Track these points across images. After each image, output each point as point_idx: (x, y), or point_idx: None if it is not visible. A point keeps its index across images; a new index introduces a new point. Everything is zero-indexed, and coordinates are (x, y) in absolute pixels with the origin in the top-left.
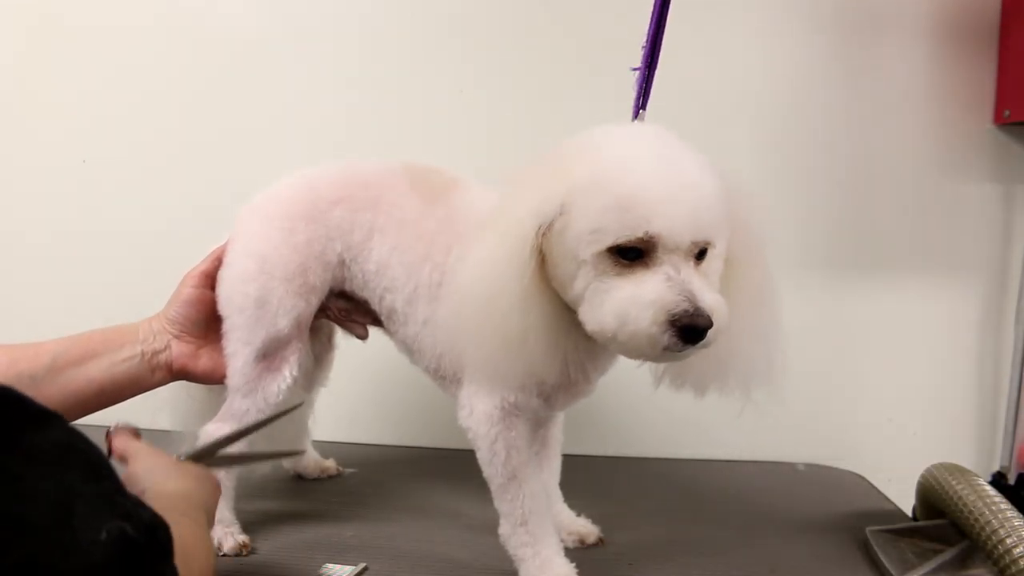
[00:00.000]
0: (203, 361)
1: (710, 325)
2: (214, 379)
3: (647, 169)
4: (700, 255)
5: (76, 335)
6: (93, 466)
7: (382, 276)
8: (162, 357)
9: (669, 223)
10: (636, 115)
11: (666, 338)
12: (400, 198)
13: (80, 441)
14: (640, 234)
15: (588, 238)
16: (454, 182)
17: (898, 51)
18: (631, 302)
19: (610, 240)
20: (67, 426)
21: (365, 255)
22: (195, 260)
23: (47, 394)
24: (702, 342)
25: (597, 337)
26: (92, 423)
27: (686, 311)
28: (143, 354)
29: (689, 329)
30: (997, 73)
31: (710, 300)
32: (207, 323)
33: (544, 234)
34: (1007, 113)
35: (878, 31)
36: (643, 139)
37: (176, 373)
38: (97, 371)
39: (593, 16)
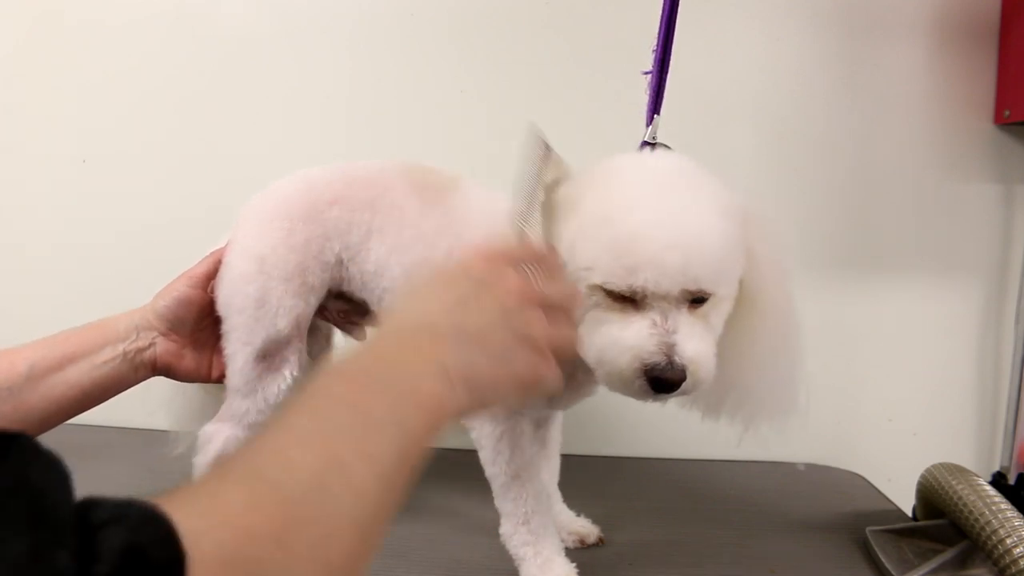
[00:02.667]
0: (187, 361)
1: (682, 379)
2: (195, 378)
3: (645, 216)
4: (698, 299)
5: (51, 337)
6: (36, 509)
7: (381, 277)
8: (146, 355)
9: (656, 277)
10: (650, 120)
11: (638, 384)
12: (399, 199)
13: (34, 472)
14: (624, 286)
15: (583, 273)
16: (453, 183)
17: (898, 51)
18: (612, 343)
19: (599, 281)
20: (23, 455)
21: (364, 256)
22: (195, 260)
23: (28, 404)
24: (676, 392)
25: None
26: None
27: (657, 364)
28: (125, 353)
29: (659, 381)
30: (997, 73)
31: (691, 352)
32: (196, 324)
33: None
34: (1007, 113)
35: (878, 31)
36: (653, 180)
37: (159, 370)
38: (78, 375)
39: (595, 16)
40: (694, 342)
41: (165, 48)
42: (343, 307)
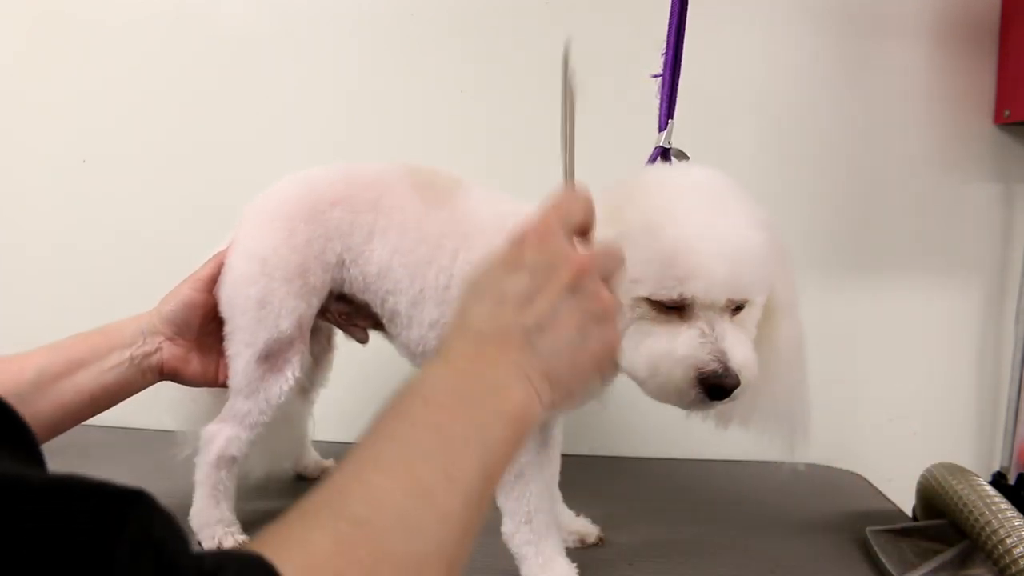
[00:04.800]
0: (193, 365)
1: (737, 384)
2: (202, 383)
3: (692, 227)
4: (738, 307)
5: (58, 343)
6: (163, 561)
7: (384, 279)
8: (153, 359)
9: (706, 286)
10: (664, 125)
11: (693, 394)
12: (401, 200)
13: (156, 526)
14: (675, 295)
15: (628, 285)
16: (456, 184)
17: (898, 51)
18: (664, 356)
19: (646, 292)
20: (147, 511)
21: (366, 257)
22: (196, 260)
23: (36, 410)
24: (728, 398)
25: (628, 375)
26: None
27: (715, 371)
28: (132, 358)
29: (717, 388)
30: (997, 73)
31: (741, 357)
32: (202, 328)
33: None
34: (1007, 113)
35: (878, 31)
36: (696, 193)
37: (166, 375)
38: (86, 381)
39: (596, 17)
40: (741, 348)
41: (165, 48)
42: (345, 309)
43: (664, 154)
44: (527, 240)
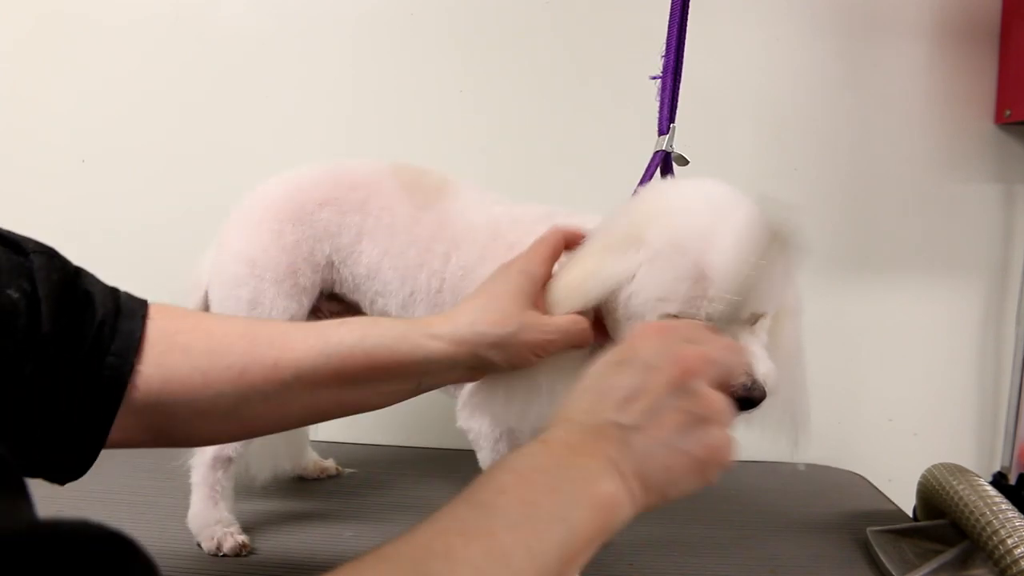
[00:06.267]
0: None
1: (765, 396)
2: None
3: (719, 245)
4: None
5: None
6: None
7: (373, 280)
8: None
9: (735, 305)
10: (666, 128)
11: None
12: (389, 201)
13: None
14: (703, 313)
15: (655, 304)
16: (445, 184)
17: (898, 51)
18: None
19: (675, 310)
20: (133, 557)
21: (355, 258)
22: (194, 259)
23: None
24: (754, 409)
25: None
26: None
27: (744, 385)
28: None
29: (747, 401)
30: (998, 73)
31: (764, 369)
32: None
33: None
34: (1008, 113)
35: (878, 31)
36: (718, 209)
37: None
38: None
39: (594, 18)
40: (763, 359)
41: (165, 48)
42: (336, 308)
43: (666, 158)
44: (643, 335)
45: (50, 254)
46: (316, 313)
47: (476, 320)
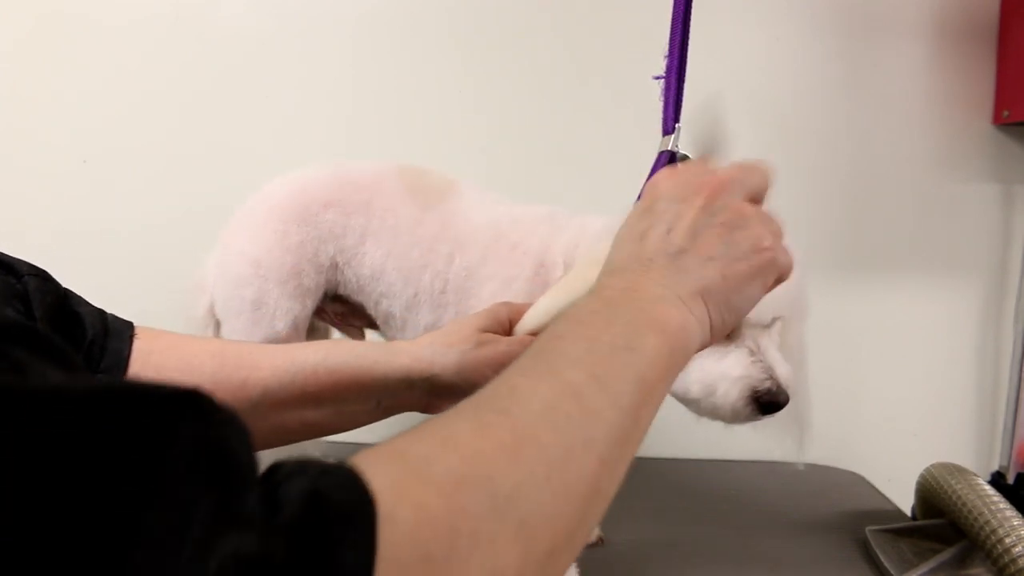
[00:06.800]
0: None
1: (788, 399)
2: None
3: None
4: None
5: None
6: (221, 461)
7: (378, 281)
8: None
9: (759, 310)
10: (671, 128)
11: (748, 411)
12: (393, 202)
13: (215, 428)
14: None
15: None
16: (449, 185)
17: (898, 51)
18: (720, 377)
19: None
20: (201, 411)
21: (359, 260)
22: (196, 260)
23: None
24: (777, 413)
25: (675, 396)
26: None
27: (770, 389)
28: None
29: (771, 404)
30: (996, 73)
31: (784, 371)
32: None
33: None
34: (1006, 113)
35: (878, 31)
36: None
37: None
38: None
39: (594, 18)
40: (782, 362)
41: (166, 49)
42: (340, 309)
43: (672, 158)
44: (659, 181)
45: (43, 277)
46: (321, 315)
47: (435, 341)
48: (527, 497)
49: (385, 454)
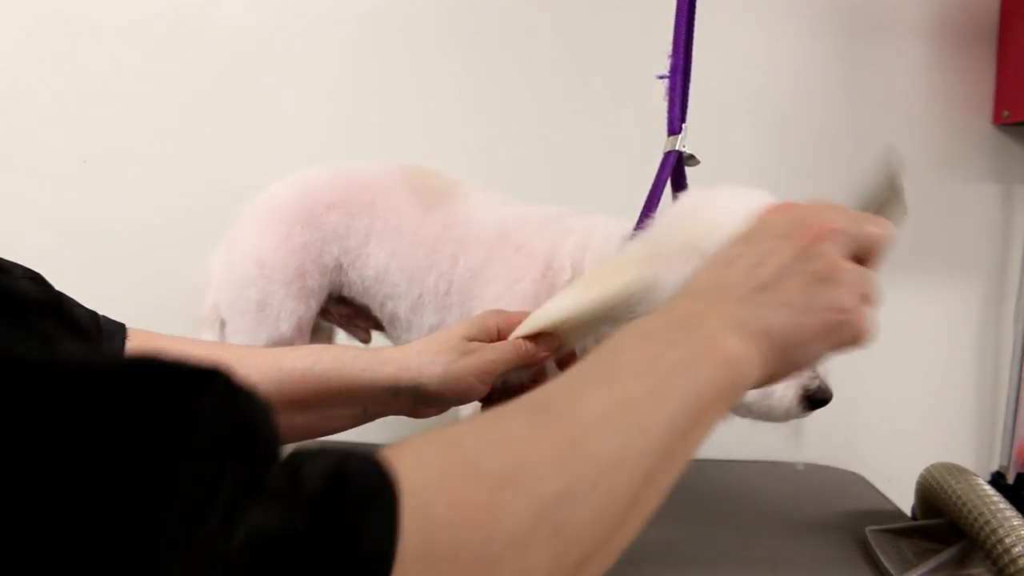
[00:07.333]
0: None
1: (832, 396)
2: None
3: None
4: None
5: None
6: (246, 436)
7: (382, 283)
8: None
9: None
10: (678, 128)
11: (799, 409)
12: (397, 203)
13: (239, 403)
14: None
15: None
16: (452, 186)
17: (898, 51)
18: None
19: None
20: (227, 387)
21: (363, 261)
22: (196, 260)
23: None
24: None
25: None
26: None
27: (819, 387)
28: None
29: (821, 401)
30: (996, 73)
31: (822, 368)
32: None
33: None
34: (1006, 113)
35: (878, 31)
36: None
37: None
38: None
39: (594, 18)
40: None
41: (166, 49)
42: (345, 311)
43: (679, 158)
44: (771, 211)
45: (38, 280)
46: (326, 316)
47: (422, 350)
48: (570, 504)
49: (437, 441)
